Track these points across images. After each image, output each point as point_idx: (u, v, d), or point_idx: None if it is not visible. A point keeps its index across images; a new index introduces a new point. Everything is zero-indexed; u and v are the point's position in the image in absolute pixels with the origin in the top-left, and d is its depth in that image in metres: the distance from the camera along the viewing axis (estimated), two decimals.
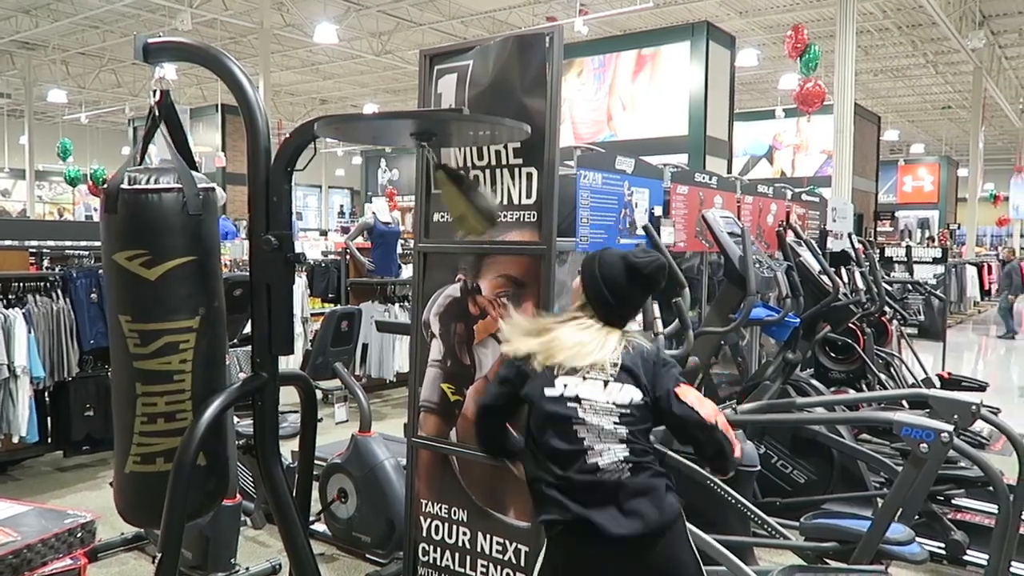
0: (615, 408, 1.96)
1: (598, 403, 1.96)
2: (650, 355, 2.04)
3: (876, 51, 18.13)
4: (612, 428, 1.95)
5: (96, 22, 17.15)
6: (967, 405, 3.08)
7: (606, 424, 1.95)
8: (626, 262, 2.05)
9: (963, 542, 3.72)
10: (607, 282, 2.03)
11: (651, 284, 2.08)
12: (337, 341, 3.94)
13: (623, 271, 2.04)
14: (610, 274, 2.04)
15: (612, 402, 1.97)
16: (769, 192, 5.27)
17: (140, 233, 2.15)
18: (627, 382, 1.98)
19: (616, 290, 2.03)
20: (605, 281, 2.03)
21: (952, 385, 5.48)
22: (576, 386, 1.98)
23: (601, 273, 2.04)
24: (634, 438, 1.97)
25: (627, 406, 1.97)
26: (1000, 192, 28.54)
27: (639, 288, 2.07)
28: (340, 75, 22.41)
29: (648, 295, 2.13)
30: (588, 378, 1.98)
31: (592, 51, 11.12)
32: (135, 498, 2.28)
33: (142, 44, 2.34)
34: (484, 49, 2.76)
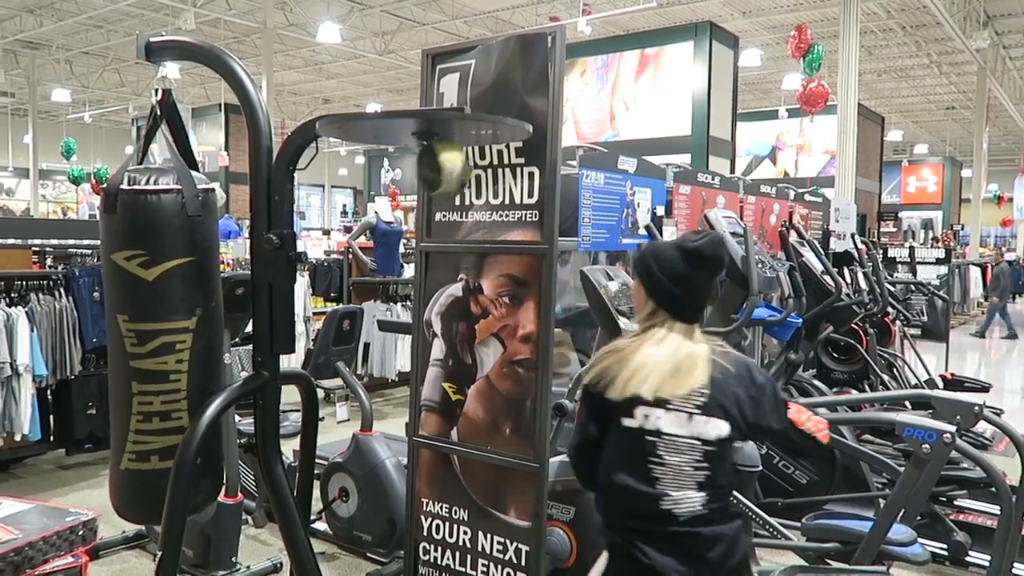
0: (699, 445, 1.80)
1: (680, 439, 1.79)
2: (744, 377, 1.85)
3: (880, 51, 18.10)
4: (692, 471, 1.80)
5: (100, 21, 17.19)
6: (970, 406, 3.07)
7: (686, 465, 1.79)
8: (683, 249, 1.87)
9: (965, 543, 3.72)
10: (670, 276, 1.86)
11: (715, 264, 1.89)
12: (339, 340, 3.94)
13: (681, 259, 1.86)
14: (670, 267, 1.86)
15: (697, 438, 1.80)
16: (772, 192, 5.27)
17: (138, 234, 2.16)
18: (715, 414, 1.80)
19: (681, 281, 1.86)
20: (667, 276, 1.86)
21: (955, 386, 5.47)
22: (658, 418, 1.80)
23: (660, 269, 1.88)
24: (714, 480, 1.82)
25: (713, 443, 1.80)
26: (1004, 193, 28.46)
27: (705, 272, 1.88)
28: (343, 75, 22.43)
29: (714, 277, 1.94)
30: (671, 408, 1.80)
31: (595, 51, 11.11)
32: (130, 495, 2.29)
33: (144, 43, 2.34)
34: (486, 48, 2.76)
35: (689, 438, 1.80)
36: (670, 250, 1.90)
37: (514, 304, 2.70)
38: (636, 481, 1.82)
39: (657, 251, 1.93)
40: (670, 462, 1.80)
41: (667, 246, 1.93)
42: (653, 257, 1.91)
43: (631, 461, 1.83)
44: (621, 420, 1.84)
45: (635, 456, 1.82)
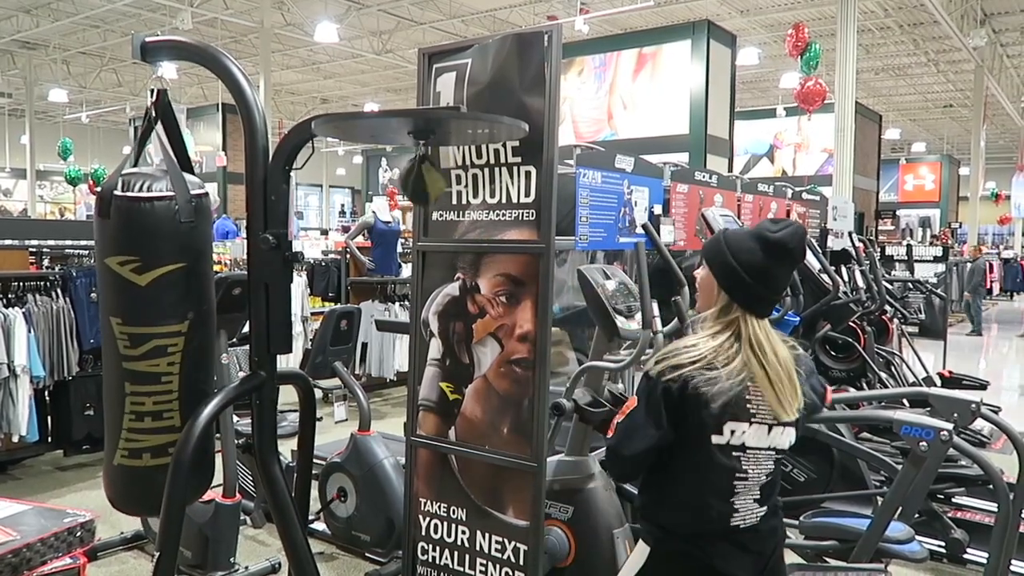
0: (774, 454, 1.76)
1: (761, 452, 1.73)
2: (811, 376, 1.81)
3: (877, 49, 18.11)
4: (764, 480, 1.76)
5: (97, 21, 17.16)
6: (967, 403, 3.08)
7: (762, 476, 1.76)
8: (763, 240, 1.72)
9: (963, 540, 3.72)
10: (748, 269, 1.72)
11: (798, 257, 1.76)
12: (336, 340, 3.94)
13: (761, 251, 1.72)
14: (749, 260, 1.72)
15: (773, 448, 1.75)
16: (769, 191, 5.27)
17: (131, 240, 2.18)
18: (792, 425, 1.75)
19: (761, 275, 1.72)
20: (745, 268, 1.72)
21: (953, 384, 5.47)
22: (743, 433, 1.71)
23: (738, 261, 1.73)
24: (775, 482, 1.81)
25: (784, 450, 1.77)
26: (1002, 190, 28.50)
27: (786, 265, 1.76)
28: (341, 74, 22.42)
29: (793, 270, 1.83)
30: (755, 422, 1.71)
31: (593, 50, 11.11)
32: (122, 489, 2.35)
33: (140, 43, 2.34)
34: (483, 48, 2.76)
35: (768, 449, 1.75)
36: (748, 240, 1.76)
37: (511, 303, 2.70)
38: (715, 497, 1.74)
39: (733, 240, 1.78)
40: (751, 475, 1.75)
41: (745, 235, 1.78)
42: (728, 247, 1.76)
43: (712, 477, 1.74)
44: (711, 437, 1.71)
45: (719, 473, 1.73)
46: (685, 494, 1.78)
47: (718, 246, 1.79)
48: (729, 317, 1.74)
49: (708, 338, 1.75)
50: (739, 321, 1.73)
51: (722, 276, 1.76)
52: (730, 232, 1.83)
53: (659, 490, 1.84)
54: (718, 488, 1.74)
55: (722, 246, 1.77)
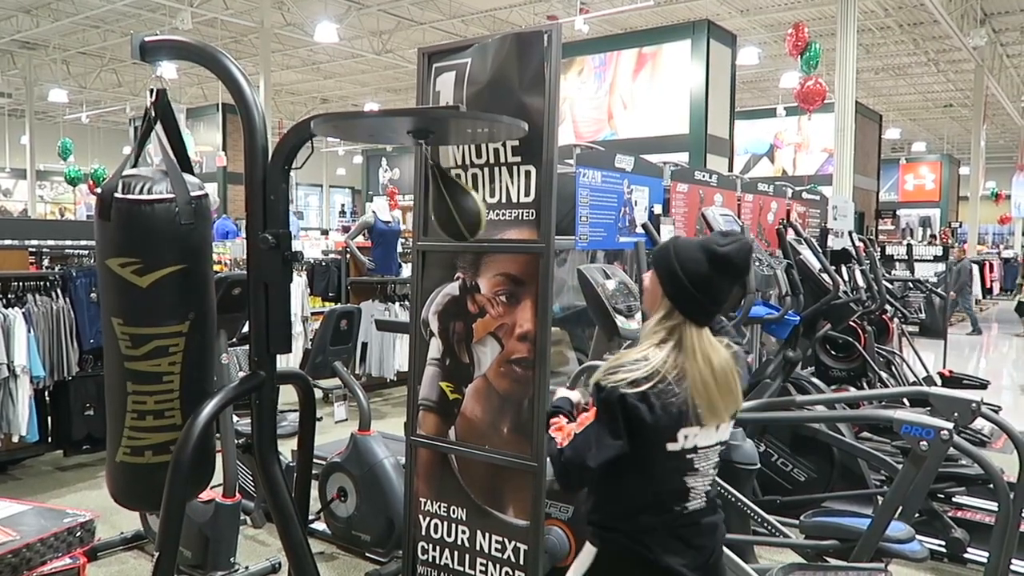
0: (719, 447, 1.83)
1: (710, 449, 1.81)
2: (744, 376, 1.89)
3: (877, 49, 18.10)
4: (711, 472, 1.84)
5: (97, 22, 17.17)
6: (967, 403, 3.07)
7: (710, 470, 1.83)
8: (710, 252, 1.74)
9: (964, 540, 3.72)
10: (692, 278, 1.74)
11: (742, 272, 1.80)
12: (336, 340, 3.94)
13: (707, 262, 1.74)
14: (695, 269, 1.74)
15: (719, 442, 1.83)
16: (769, 190, 5.27)
17: (132, 242, 2.19)
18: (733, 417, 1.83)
19: (705, 287, 1.74)
20: (689, 278, 1.74)
21: (953, 383, 5.47)
22: (695, 435, 1.76)
23: (683, 269, 1.75)
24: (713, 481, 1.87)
25: (725, 441, 1.85)
26: (1002, 190, 28.49)
27: (729, 278, 1.78)
28: (341, 74, 22.42)
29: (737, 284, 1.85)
30: (704, 424, 1.77)
31: (593, 49, 11.10)
32: (125, 485, 2.38)
33: (139, 43, 2.34)
34: (483, 47, 2.75)
35: (716, 445, 1.83)
36: (696, 251, 1.77)
37: (511, 303, 2.69)
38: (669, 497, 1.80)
39: (681, 249, 1.80)
40: (702, 471, 1.81)
41: (693, 245, 1.80)
42: (676, 255, 1.78)
43: (667, 479, 1.79)
44: (665, 446, 1.75)
45: (672, 475, 1.79)
46: (640, 497, 1.82)
47: (667, 253, 1.81)
48: (671, 323, 1.78)
49: (655, 348, 1.77)
50: (681, 329, 1.77)
51: (668, 283, 1.78)
52: (680, 240, 1.87)
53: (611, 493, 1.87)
54: (672, 489, 1.81)
55: (670, 254, 1.80)
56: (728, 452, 3.43)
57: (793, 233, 4.67)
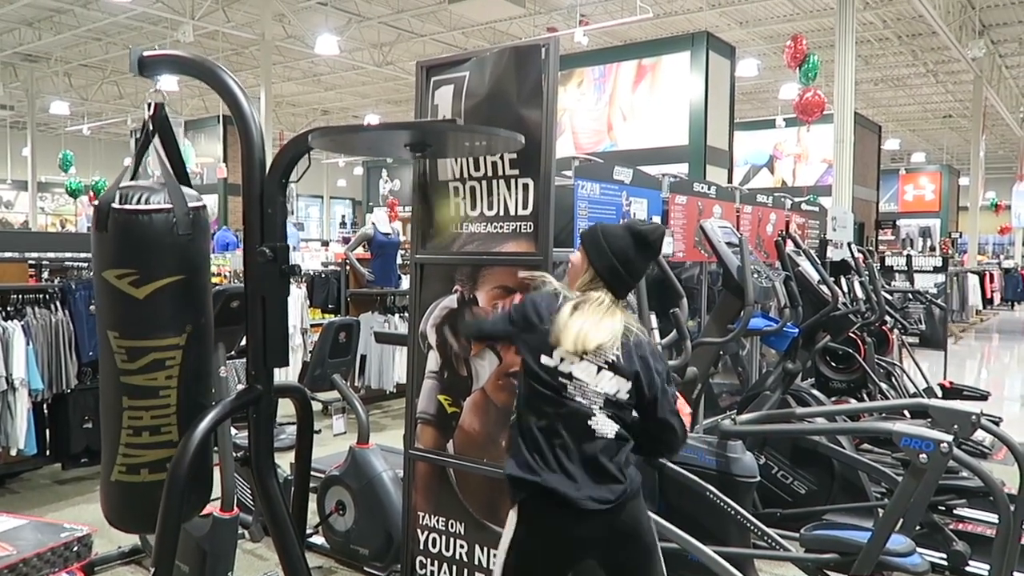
0: (601, 395, 2.03)
1: (587, 386, 2.02)
2: (646, 352, 2.09)
3: (876, 60, 18.16)
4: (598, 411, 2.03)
5: (99, 34, 17.25)
6: (967, 415, 3.06)
7: (593, 406, 2.03)
8: (632, 231, 2.10)
9: (965, 553, 3.69)
10: (616, 252, 2.07)
11: (656, 251, 2.14)
12: (335, 352, 3.93)
13: (631, 240, 2.08)
14: (618, 244, 2.07)
15: (601, 388, 2.03)
16: (768, 201, 5.27)
17: (129, 253, 2.18)
18: (619, 374, 2.03)
19: (625, 259, 2.07)
20: (614, 251, 2.07)
21: (954, 394, 5.46)
22: (571, 364, 2.02)
23: (608, 244, 2.08)
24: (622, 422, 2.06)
25: (612, 396, 2.04)
26: (1002, 200, 28.50)
27: (647, 254, 2.12)
28: (341, 86, 22.50)
29: (651, 262, 2.19)
30: (584, 359, 2.02)
31: (592, 61, 11.14)
32: (121, 506, 2.33)
33: (137, 57, 2.34)
34: (480, 60, 2.77)
35: (594, 387, 2.03)
36: (622, 230, 2.12)
37: None
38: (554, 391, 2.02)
39: (608, 228, 2.14)
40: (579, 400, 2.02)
41: (619, 227, 2.14)
42: (604, 233, 2.11)
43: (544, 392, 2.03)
44: (540, 356, 2.03)
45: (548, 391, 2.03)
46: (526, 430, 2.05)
47: (595, 231, 2.13)
48: (590, 288, 2.08)
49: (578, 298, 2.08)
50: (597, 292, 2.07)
51: (595, 256, 2.09)
52: (606, 224, 2.19)
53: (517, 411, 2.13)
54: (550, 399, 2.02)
55: (598, 231, 2.13)
56: (727, 464, 3.42)
57: (792, 245, 4.66)
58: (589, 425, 2.01)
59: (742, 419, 3.58)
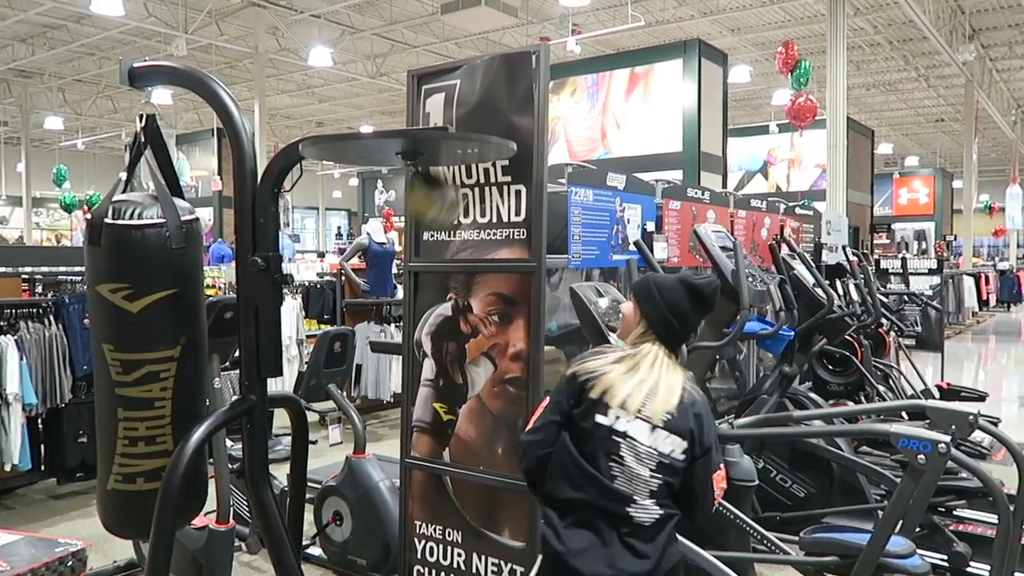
0: (655, 455, 1.93)
1: (641, 446, 1.92)
2: (703, 412, 2.01)
3: (868, 65, 18.25)
4: (648, 476, 1.92)
5: (92, 49, 17.27)
6: (964, 415, 3.05)
7: (643, 471, 1.92)
8: (687, 284, 2.05)
9: (966, 554, 3.68)
10: (670, 306, 2.03)
11: (711, 305, 2.10)
12: (330, 362, 3.92)
13: (685, 294, 2.04)
14: (672, 298, 2.03)
15: (655, 449, 1.93)
16: (762, 206, 5.28)
17: (122, 267, 2.18)
18: (675, 432, 1.94)
19: (679, 314, 2.03)
20: (668, 305, 2.03)
21: (951, 396, 5.46)
22: (627, 422, 1.92)
23: (663, 298, 2.04)
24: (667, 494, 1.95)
25: (667, 456, 1.94)
26: (995, 203, 28.61)
27: (701, 308, 2.08)
28: (335, 97, 22.54)
29: (703, 317, 2.15)
30: (639, 418, 1.93)
31: (585, 70, 11.18)
32: (117, 514, 2.34)
33: (128, 69, 2.34)
34: (471, 68, 2.77)
35: (649, 447, 1.92)
36: (677, 284, 2.06)
37: (504, 323, 2.69)
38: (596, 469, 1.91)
39: (661, 281, 2.09)
40: (629, 465, 1.91)
41: (673, 280, 2.09)
42: (656, 285, 2.07)
43: (594, 455, 1.92)
44: (595, 416, 1.93)
45: (597, 451, 1.92)
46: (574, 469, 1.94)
47: (648, 284, 2.09)
48: (643, 341, 2.03)
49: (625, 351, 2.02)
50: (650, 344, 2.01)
51: (647, 308, 2.04)
52: (659, 276, 2.15)
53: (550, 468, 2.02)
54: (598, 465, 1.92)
55: (652, 284, 2.08)
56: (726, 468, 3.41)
57: (787, 248, 4.67)
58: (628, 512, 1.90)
59: (740, 423, 3.56)
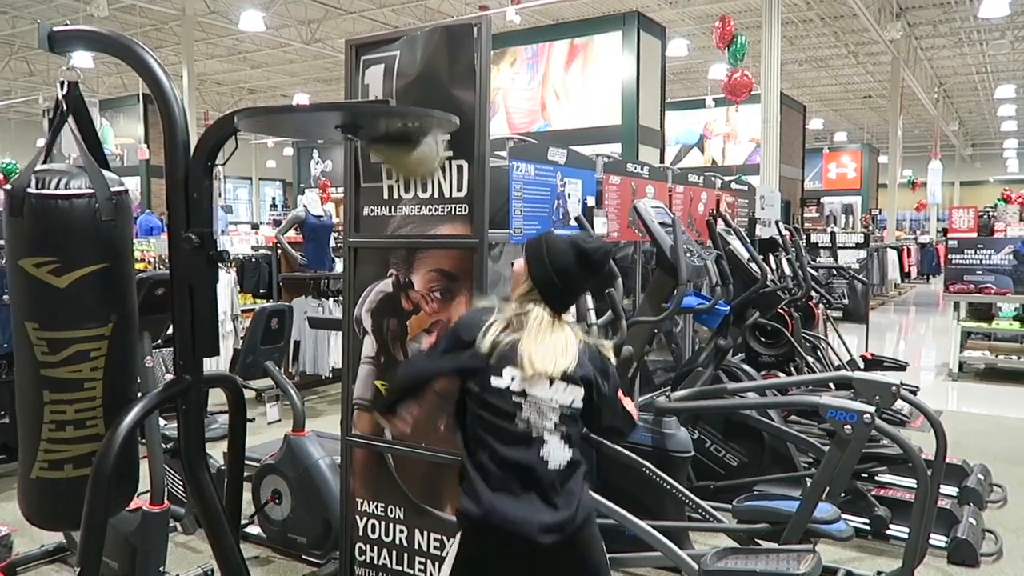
0: (557, 407, 1.96)
1: (542, 401, 1.94)
2: (595, 355, 2.04)
3: (800, 41, 18.62)
4: (552, 427, 1.94)
5: (4, 7, 16.28)
6: (887, 386, 3.20)
7: (548, 423, 1.94)
8: (576, 248, 2.01)
9: (886, 517, 3.87)
10: (556, 268, 1.99)
11: (599, 269, 2.05)
12: (267, 339, 3.84)
13: (574, 257, 2.00)
14: (560, 260, 1.99)
15: (556, 401, 1.95)
16: (699, 181, 5.36)
17: (48, 240, 2.08)
18: (572, 383, 1.97)
19: (565, 276, 2.00)
20: (554, 267, 1.99)
21: (874, 365, 5.69)
22: (522, 381, 1.93)
23: (550, 258, 2.00)
24: (573, 439, 1.98)
25: (568, 407, 1.97)
26: (918, 178, 29.75)
27: (588, 273, 2.04)
28: (268, 64, 21.86)
29: (593, 280, 2.11)
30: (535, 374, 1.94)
31: (525, 40, 11.10)
32: (42, 503, 2.24)
33: (47, 33, 2.21)
34: (411, 40, 2.72)
35: (550, 400, 1.95)
36: (567, 245, 2.02)
37: (446, 299, 2.68)
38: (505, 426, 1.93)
39: (552, 242, 2.05)
40: (533, 421, 1.93)
41: (564, 241, 2.04)
42: (547, 246, 2.03)
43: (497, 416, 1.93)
44: (490, 378, 1.93)
45: (501, 413, 1.93)
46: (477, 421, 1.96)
47: (539, 244, 2.05)
48: (528, 299, 2.01)
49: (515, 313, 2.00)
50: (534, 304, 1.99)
51: (536, 269, 2.01)
52: (551, 234, 2.12)
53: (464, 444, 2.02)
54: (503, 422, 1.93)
55: (542, 244, 2.04)
56: (662, 440, 3.49)
57: (723, 223, 4.76)
58: (541, 456, 1.92)
59: (676, 396, 3.65)
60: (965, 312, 8.22)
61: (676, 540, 3.00)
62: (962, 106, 28.00)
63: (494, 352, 1.94)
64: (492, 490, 1.90)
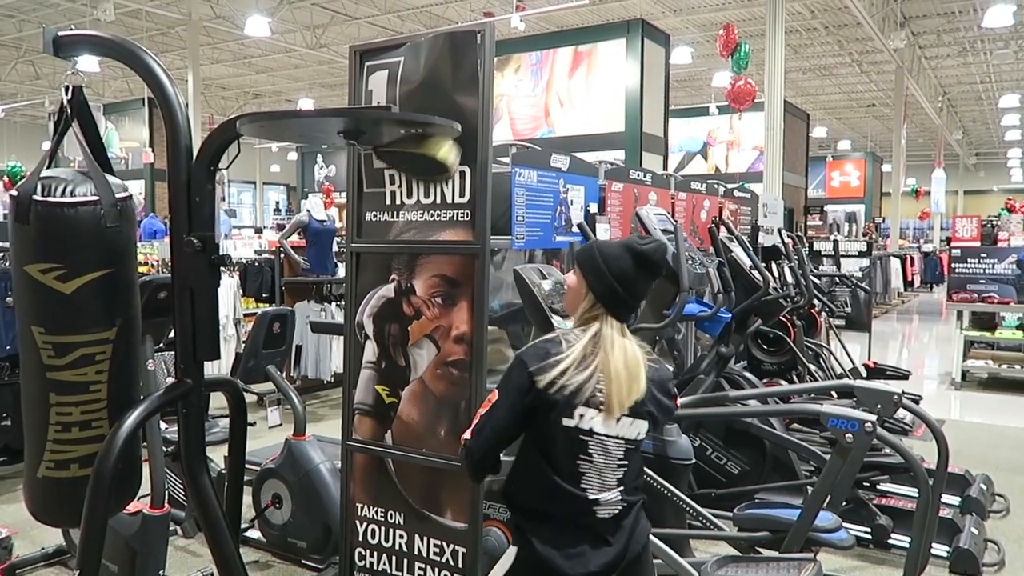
0: (623, 443, 1.89)
1: (608, 439, 1.86)
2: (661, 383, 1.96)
3: (804, 50, 18.64)
4: (615, 467, 1.88)
5: (12, 11, 16.37)
6: (889, 395, 3.19)
7: (611, 463, 1.88)
8: (632, 251, 1.91)
9: (888, 526, 3.86)
10: (616, 275, 1.89)
11: (659, 269, 1.95)
12: (269, 343, 3.85)
13: (631, 260, 1.90)
14: (618, 265, 1.89)
15: (622, 437, 1.88)
16: (702, 188, 5.36)
17: (54, 247, 2.09)
18: (638, 416, 1.88)
19: (626, 281, 1.89)
20: (614, 274, 1.89)
21: (877, 374, 5.68)
22: (592, 419, 1.84)
23: (608, 266, 1.89)
24: (631, 478, 1.93)
25: (633, 441, 1.90)
26: (922, 187, 29.71)
27: (649, 274, 1.94)
28: (274, 69, 21.93)
29: (652, 282, 1.99)
30: (603, 411, 1.85)
31: (529, 47, 11.12)
32: (48, 502, 2.26)
33: (51, 37, 2.22)
34: (415, 46, 2.72)
35: (615, 437, 1.87)
36: (619, 249, 1.93)
37: (447, 304, 2.68)
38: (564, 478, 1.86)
39: (606, 248, 1.95)
40: (597, 460, 1.86)
41: (616, 245, 1.96)
42: (602, 254, 1.92)
43: (561, 457, 1.86)
44: (561, 419, 1.84)
45: (564, 454, 1.86)
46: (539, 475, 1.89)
47: (592, 252, 1.95)
48: (591, 315, 1.91)
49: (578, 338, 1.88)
50: (601, 320, 1.89)
51: (593, 278, 1.91)
52: (603, 241, 2.05)
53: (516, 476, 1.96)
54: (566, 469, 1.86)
55: (595, 253, 1.94)
56: (663, 447, 3.49)
57: (725, 231, 4.76)
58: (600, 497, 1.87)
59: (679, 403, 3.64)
60: (968, 321, 8.21)
61: (677, 548, 3.00)
62: (966, 115, 28.01)
63: (566, 390, 1.82)
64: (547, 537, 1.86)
